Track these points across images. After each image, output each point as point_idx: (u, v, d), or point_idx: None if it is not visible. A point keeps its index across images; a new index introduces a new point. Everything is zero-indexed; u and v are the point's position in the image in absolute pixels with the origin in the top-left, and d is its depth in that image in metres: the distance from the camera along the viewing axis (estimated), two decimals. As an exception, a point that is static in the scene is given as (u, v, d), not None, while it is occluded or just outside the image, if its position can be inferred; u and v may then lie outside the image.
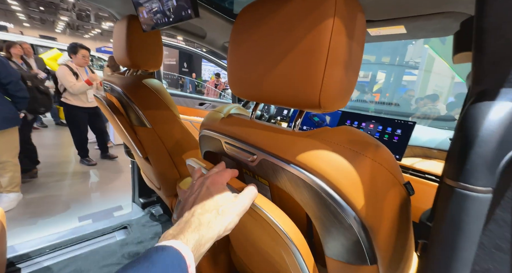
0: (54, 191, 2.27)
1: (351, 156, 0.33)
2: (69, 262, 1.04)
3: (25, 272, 0.95)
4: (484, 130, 0.20)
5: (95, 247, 1.16)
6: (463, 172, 0.21)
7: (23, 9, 12.04)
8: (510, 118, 0.21)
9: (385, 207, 0.33)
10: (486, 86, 0.23)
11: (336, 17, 0.33)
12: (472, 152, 0.21)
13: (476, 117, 0.21)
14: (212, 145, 0.54)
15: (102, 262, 1.07)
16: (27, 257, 1.01)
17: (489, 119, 0.21)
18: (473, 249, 0.22)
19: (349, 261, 0.36)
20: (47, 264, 1.01)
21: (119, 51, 0.90)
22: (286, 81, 0.38)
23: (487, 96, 0.22)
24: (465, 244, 0.22)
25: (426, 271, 0.25)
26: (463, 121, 0.22)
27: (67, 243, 1.14)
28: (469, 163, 0.21)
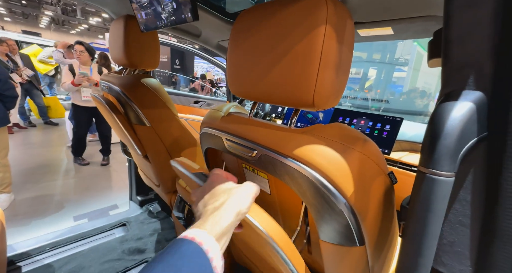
0: (46, 191, 2.24)
1: (341, 149, 0.37)
2: (69, 259, 1.06)
3: (25, 270, 0.96)
4: (448, 125, 0.25)
5: (95, 244, 1.18)
6: (431, 160, 0.26)
7: (3, 2, 11.47)
8: (468, 115, 0.25)
9: (372, 194, 0.37)
10: (452, 88, 0.27)
11: (327, 24, 0.37)
12: (438, 144, 0.25)
13: (442, 114, 0.26)
14: (213, 142, 0.57)
15: (102, 258, 1.09)
16: (26, 256, 1.02)
17: (452, 116, 0.25)
18: (439, 224, 0.27)
19: (341, 243, 0.40)
20: (47, 261, 1.02)
21: (116, 50, 0.91)
22: (282, 82, 0.41)
23: (452, 97, 0.27)
24: (433, 219, 0.26)
25: (404, 246, 0.30)
26: (432, 118, 0.27)
27: (67, 241, 1.15)
28: (436, 153, 0.25)
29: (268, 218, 0.39)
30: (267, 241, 0.38)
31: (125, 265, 1.07)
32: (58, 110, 4.37)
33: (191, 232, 0.27)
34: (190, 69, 9.42)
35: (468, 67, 0.26)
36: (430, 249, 0.27)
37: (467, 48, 0.26)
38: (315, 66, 0.38)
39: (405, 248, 0.29)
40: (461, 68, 0.27)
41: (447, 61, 0.28)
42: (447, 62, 0.28)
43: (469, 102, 0.25)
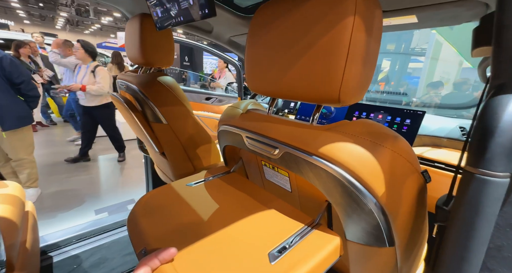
0: (68, 186, 2.36)
1: (371, 147, 0.36)
2: (94, 251, 1.11)
3: (56, 260, 1.02)
4: (503, 121, 0.23)
5: (116, 238, 1.23)
6: (483, 159, 0.24)
7: (22, 6, 11.95)
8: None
9: (404, 194, 0.36)
10: (505, 80, 0.25)
11: (356, 15, 0.34)
12: (492, 142, 0.23)
13: (495, 109, 0.23)
14: (232, 139, 0.57)
15: (124, 251, 1.14)
16: (56, 247, 1.08)
17: (508, 111, 0.23)
18: (489, 229, 0.25)
19: (368, 243, 0.39)
20: (75, 252, 1.08)
21: (132, 49, 0.92)
22: (305, 78, 0.40)
23: (505, 89, 0.24)
24: (482, 224, 0.24)
25: (444, 250, 0.28)
26: (483, 113, 0.25)
27: (91, 234, 1.21)
28: (489, 152, 0.23)
29: None
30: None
31: (146, 258, 1.11)
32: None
33: None
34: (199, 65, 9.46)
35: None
36: (477, 255, 0.25)
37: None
38: (342, 60, 0.36)
39: (447, 253, 0.28)
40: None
41: (500, 50, 0.25)
42: (499, 50, 0.25)
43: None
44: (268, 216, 0.47)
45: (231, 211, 0.48)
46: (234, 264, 0.35)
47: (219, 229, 0.41)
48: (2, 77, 1.65)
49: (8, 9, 12.83)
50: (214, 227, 0.42)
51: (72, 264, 1.04)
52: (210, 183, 0.60)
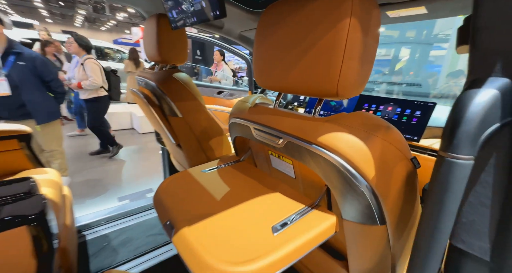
0: (93, 175, 2.57)
1: (364, 137, 0.40)
2: (121, 232, 1.25)
3: (89, 238, 1.17)
4: (470, 112, 0.26)
5: (139, 221, 1.36)
6: (451, 145, 0.28)
7: (45, 5, 12.53)
8: (492, 101, 0.26)
9: (393, 178, 0.40)
10: (478, 75, 0.28)
11: (352, 17, 0.38)
12: (459, 130, 0.27)
13: (466, 101, 0.27)
14: (242, 131, 0.63)
15: (147, 233, 1.26)
16: (88, 227, 1.23)
17: (474, 103, 0.26)
18: (456, 204, 0.29)
19: (362, 222, 0.44)
20: (104, 233, 1.22)
21: (150, 47, 0.99)
22: (307, 74, 0.44)
23: (477, 84, 0.27)
24: (450, 200, 0.29)
25: (421, 223, 0.33)
26: (455, 104, 0.28)
27: (118, 217, 1.34)
28: (456, 138, 0.27)
29: None
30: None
31: (165, 239, 1.23)
32: None
33: None
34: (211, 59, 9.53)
35: (495, 55, 0.27)
36: (446, 226, 0.30)
37: (495, 36, 0.27)
38: (339, 58, 0.40)
39: (422, 225, 0.32)
40: (488, 56, 0.27)
41: (474, 49, 0.28)
42: (474, 50, 0.28)
43: (493, 89, 0.26)
44: (273, 198, 0.53)
45: (240, 193, 0.54)
46: (242, 234, 0.41)
47: (230, 207, 0.48)
48: (35, 76, 1.80)
49: (32, 9, 13.52)
50: (226, 204, 0.49)
51: (102, 242, 1.17)
52: (222, 170, 0.67)
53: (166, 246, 1.20)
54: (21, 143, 0.97)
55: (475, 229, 0.32)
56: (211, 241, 0.39)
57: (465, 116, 0.26)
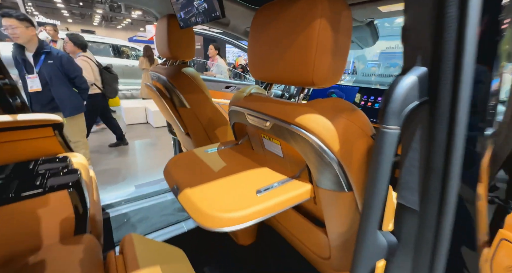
0: (112, 165, 2.80)
1: (331, 117, 0.48)
2: (138, 211, 1.41)
3: (112, 215, 1.34)
4: (395, 94, 0.34)
5: (154, 203, 1.52)
6: (383, 118, 0.36)
7: (65, 5, 13.17)
8: (411, 85, 0.34)
9: (354, 151, 0.48)
10: (407, 66, 0.36)
11: (322, 18, 0.46)
12: (387, 106, 0.35)
13: (393, 86, 0.35)
14: (239, 117, 0.73)
15: (160, 213, 1.42)
16: (111, 206, 1.40)
17: (399, 86, 0.34)
18: (389, 164, 0.37)
19: (333, 189, 0.53)
20: (124, 211, 1.39)
21: (162, 45, 1.10)
22: (289, 66, 0.53)
23: (404, 72, 0.35)
24: (384, 161, 0.37)
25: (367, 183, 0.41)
26: (388, 88, 0.36)
27: (135, 199, 1.51)
28: (385, 113, 0.35)
29: None
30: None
31: (177, 219, 1.37)
32: (114, 100, 5.11)
33: None
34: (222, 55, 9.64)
35: (417, 50, 0.35)
36: (382, 183, 0.38)
37: (416, 35, 0.34)
38: (312, 53, 0.48)
39: (367, 183, 0.41)
40: (413, 50, 0.35)
41: (405, 45, 0.36)
42: (405, 45, 0.36)
43: (414, 76, 0.34)
44: (262, 171, 0.63)
45: (235, 167, 0.64)
46: (231, 194, 0.52)
47: (224, 176, 0.59)
48: (62, 73, 2.00)
49: (55, 9, 14.26)
50: (221, 174, 0.59)
51: (123, 219, 1.34)
52: (222, 151, 0.77)
53: (177, 224, 1.35)
54: (55, 130, 1.13)
55: (410, 186, 0.40)
56: (207, 198, 0.50)
57: (392, 96, 0.35)
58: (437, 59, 0.33)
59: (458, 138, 0.33)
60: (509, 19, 0.35)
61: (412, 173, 0.39)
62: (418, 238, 0.41)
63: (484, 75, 0.36)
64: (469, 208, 0.43)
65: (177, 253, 0.86)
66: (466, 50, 0.30)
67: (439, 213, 0.37)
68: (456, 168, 0.34)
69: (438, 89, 0.33)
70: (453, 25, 0.30)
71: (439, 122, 0.34)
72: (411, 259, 0.42)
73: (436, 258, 0.39)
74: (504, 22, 0.35)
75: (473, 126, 0.37)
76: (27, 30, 1.78)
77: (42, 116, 1.10)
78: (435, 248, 0.39)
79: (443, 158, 0.35)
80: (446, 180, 0.35)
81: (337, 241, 0.64)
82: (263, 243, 1.22)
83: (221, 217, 0.45)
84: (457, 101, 0.32)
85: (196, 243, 1.26)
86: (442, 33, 0.31)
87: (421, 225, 0.40)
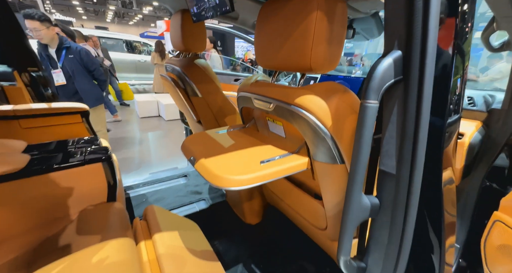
0: (127, 155, 2.97)
1: (326, 97, 0.56)
2: (154, 193, 1.55)
3: (132, 195, 1.48)
4: (375, 73, 0.41)
5: (168, 186, 1.65)
6: (365, 95, 0.43)
7: (80, 2, 13.56)
8: (387, 66, 0.41)
9: (345, 127, 0.56)
10: (386, 50, 0.43)
11: (318, 10, 0.53)
12: (368, 85, 0.42)
13: (373, 67, 0.42)
14: (246, 102, 0.81)
15: (174, 195, 1.55)
16: (130, 188, 1.54)
17: (378, 68, 0.41)
18: (369, 135, 0.44)
19: (327, 161, 0.61)
20: (142, 193, 1.53)
21: (176, 38, 1.19)
22: (289, 55, 0.61)
23: (384, 55, 0.42)
24: (364, 131, 0.44)
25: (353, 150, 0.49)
26: (370, 69, 0.43)
27: (152, 183, 1.65)
28: (367, 90, 0.42)
29: None
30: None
31: (189, 200, 1.50)
32: (128, 94, 5.33)
33: None
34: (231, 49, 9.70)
35: (394, 36, 0.41)
36: (365, 152, 0.45)
37: (393, 24, 0.41)
38: (309, 41, 0.55)
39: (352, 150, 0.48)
40: (391, 36, 0.42)
41: (385, 31, 0.43)
42: (385, 32, 0.43)
43: (390, 58, 0.41)
44: (266, 148, 0.72)
45: (242, 144, 0.74)
46: (239, 163, 0.61)
47: (233, 151, 0.68)
48: (82, 66, 2.15)
49: (70, 7, 14.72)
50: (231, 149, 0.69)
51: (141, 199, 1.48)
52: (231, 132, 0.87)
53: (190, 204, 1.47)
54: (82, 117, 1.26)
55: (389, 154, 0.47)
56: (219, 165, 0.59)
57: (372, 76, 0.42)
58: (409, 43, 0.39)
59: (425, 109, 0.40)
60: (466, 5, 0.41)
61: (390, 142, 0.46)
62: (395, 197, 0.48)
63: (446, 57, 0.42)
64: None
65: (192, 224, 0.97)
66: (430, 35, 0.37)
67: (411, 174, 0.44)
68: (424, 134, 0.41)
69: (409, 69, 0.40)
70: (419, 15, 0.37)
71: (410, 97, 0.41)
72: (390, 216, 0.50)
73: (408, 214, 0.47)
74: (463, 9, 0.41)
75: (438, 99, 0.44)
76: (49, 31, 1.93)
77: (72, 104, 1.24)
78: (407, 205, 0.46)
79: (414, 127, 0.42)
80: (416, 145, 0.42)
81: (332, 211, 0.72)
82: (269, 222, 1.32)
83: (230, 179, 0.54)
84: (424, 79, 0.39)
85: (207, 221, 1.38)
86: (412, 21, 0.38)
87: (397, 186, 0.47)
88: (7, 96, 1.27)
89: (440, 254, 0.55)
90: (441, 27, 0.38)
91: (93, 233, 0.68)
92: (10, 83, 1.29)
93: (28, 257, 0.64)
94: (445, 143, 0.47)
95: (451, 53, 0.42)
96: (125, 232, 0.72)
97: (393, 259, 0.52)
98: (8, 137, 1.00)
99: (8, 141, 0.82)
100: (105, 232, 0.69)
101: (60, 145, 0.90)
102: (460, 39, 0.43)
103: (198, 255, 0.75)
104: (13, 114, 1.06)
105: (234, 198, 1.36)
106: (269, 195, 1.20)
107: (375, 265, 0.57)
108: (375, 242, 0.56)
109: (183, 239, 0.78)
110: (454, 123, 0.49)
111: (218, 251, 1.18)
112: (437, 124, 0.45)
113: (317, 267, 1.06)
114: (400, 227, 0.49)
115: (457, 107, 0.48)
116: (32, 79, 1.34)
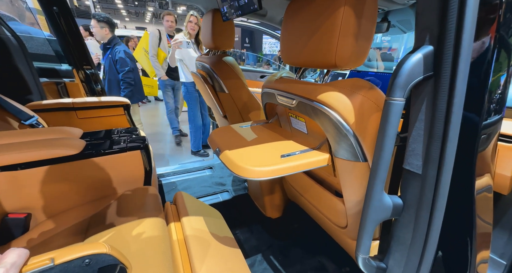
0: (156, 150, 3.20)
1: (349, 94, 0.55)
2: (182, 182, 1.67)
3: (163, 182, 1.62)
4: (402, 69, 0.40)
5: (195, 176, 1.77)
6: (390, 91, 0.42)
7: (123, 5, 14.81)
8: (417, 62, 0.39)
9: (369, 124, 0.55)
10: (417, 45, 0.41)
11: (346, 5, 0.53)
12: (395, 81, 0.41)
13: (401, 62, 0.40)
14: (269, 98, 0.83)
15: (200, 185, 1.65)
16: (162, 176, 1.70)
17: (406, 63, 0.40)
18: (394, 133, 0.43)
19: (349, 158, 0.60)
20: (172, 181, 1.67)
21: (207, 36, 1.26)
22: (314, 51, 0.61)
23: (413, 50, 0.40)
24: (388, 129, 0.43)
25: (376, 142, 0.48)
26: (397, 65, 0.42)
27: (180, 173, 1.79)
28: (393, 87, 0.41)
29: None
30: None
31: (213, 190, 1.59)
32: (152, 89, 5.69)
33: None
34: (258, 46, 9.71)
35: (425, 30, 0.39)
36: (387, 147, 0.45)
37: (425, 18, 0.39)
38: (335, 37, 0.55)
39: (375, 149, 0.47)
40: (422, 31, 0.40)
41: (416, 25, 0.41)
42: (416, 26, 0.41)
43: (420, 53, 0.39)
44: (288, 143, 0.73)
45: (265, 138, 0.76)
46: (261, 156, 0.64)
47: (256, 144, 0.71)
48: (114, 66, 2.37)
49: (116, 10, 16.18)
50: (253, 142, 0.72)
51: (172, 186, 1.61)
52: (255, 127, 0.90)
53: (214, 195, 1.56)
54: (124, 110, 1.42)
55: (415, 153, 0.45)
56: (242, 157, 0.63)
57: (399, 72, 0.40)
58: (442, 38, 0.37)
59: (456, 107, 0.38)
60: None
61: (417, 141, 0.44)
62: (420, 198, 0.46)
63: (485, 52, 0.39)
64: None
65: (216, 212, 1.04)
66: (465, 29, 0.35)
67: (438, 174, 0.42)
68: (454, 134, 0.39)
69: (441, 65, 0.38)
70: (455, 6, 0.35)
71: (440, 94, 0.39)
72: (413, 217, 0.48)
73: (433, 216, 0.45)
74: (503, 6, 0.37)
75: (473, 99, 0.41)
76: (101, 30, 2.18)
77: (116, 98, 1.40)
78: (433, 205, 0.44)
79: (443, 126, 0.40)
80: (445, 145, 0.40)
81: (353, 209, 0.72)
82: (289, 218, 1.34)
83: (252, 170, 0.57)
84: (456, 75, 0.37)
85: (229, 211, 1.46)
86: (446, 13, 0.36)
87: (423, 186, 0.45)
88: (68, 90, 1.50)
89: (470, 263, 0.51)
90: (479, 19, 0.35)
91: (132, 211, 0.78)
92: (70, 80, 1.51)
93: (83, 225, 0.77)
94: (481, 145, 0.44)
95: (492, 47, 0.39)
96: (158, 213, 0.80)
97: (416, 262, 0.51)
98: (68, 124, 1.19)
99: (70, 128, 0.98)
100: (142, 211, 0.78)
101: (107, 133, 1.04)
102: (504, 31, 0.39)
103: (220, 240, 0.80)
104: (72, 106, 1.25)
105: (256, 191, 1.40)
106: (289, 189, 1.22)
107: (396, 266, 0.56)
108: (397, 243, 0.55)
109: (208, 225, 0.85)
110: (494, 125, 0.45)
111: (239, 240, 1.24)
112: (471, 125, 0.42)
113: (336, 265, 1.05)
114: (424, 229, 0.47)
115: (499, 107, 0.44)
116: (86, 75, 1.55)
